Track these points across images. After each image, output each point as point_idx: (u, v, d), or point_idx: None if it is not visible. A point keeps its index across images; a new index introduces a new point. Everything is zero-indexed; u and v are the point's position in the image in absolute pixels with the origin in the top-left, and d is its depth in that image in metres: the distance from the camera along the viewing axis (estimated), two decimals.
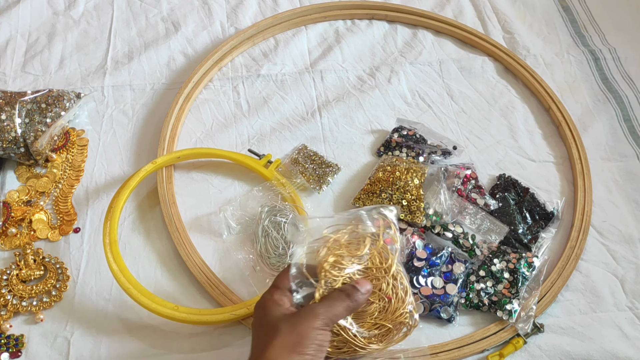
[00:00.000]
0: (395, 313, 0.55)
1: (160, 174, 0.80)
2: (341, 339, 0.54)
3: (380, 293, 0.55)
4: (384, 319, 0.54)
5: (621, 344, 0.70)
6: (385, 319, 0.55)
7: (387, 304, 0.54)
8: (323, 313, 0.50)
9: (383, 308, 0.55)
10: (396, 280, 0.55)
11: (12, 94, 0.82)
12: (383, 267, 0.55)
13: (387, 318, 0.55)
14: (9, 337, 0.67)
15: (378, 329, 0.55)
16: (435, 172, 0.79)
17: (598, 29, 1.04)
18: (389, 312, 0.54)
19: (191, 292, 0.72)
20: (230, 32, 1.00)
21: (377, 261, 0.55)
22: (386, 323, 0.54)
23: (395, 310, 0.55)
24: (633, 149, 0.88)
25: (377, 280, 0.55)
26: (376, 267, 0.55)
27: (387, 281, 0.55)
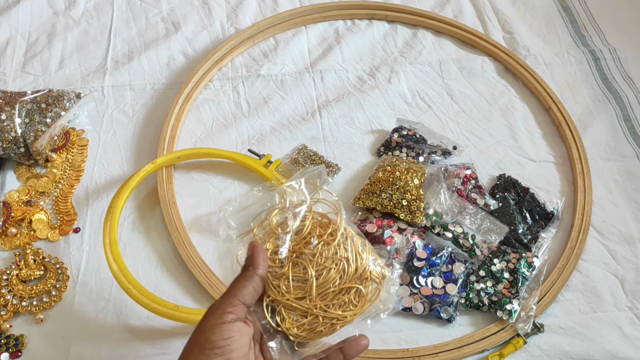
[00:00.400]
0: (357, 271, 0.52)
1: (160, 174, 0.80)
2: (312, 319, 0.51)
3: (333, 257, 0.52)
4: (348, 281, 0.52)
5: (621, 344, 0.70)
6: (351, 280, 0.52)
7: (345, 265, 0.52)
8: (216, 305, 0.46)
9: (343, 272, 0.52)
10: (347, 240, 0.53)
11: (12, 94, 0.82)
12: (325, 233, 0.53)
13: (352, 279, 0.52)
14: (9, 337, 0.67)
15: (346, 294, 0.52)
16: (435, 172, 0.79)
17: (598, 29, 1.04)
18: (350, 274, 0.52)
19: (191, 292, 0.72)
20: (230, 32, 1.00)
21: (317, 231, 0.54)
22: (351, 285, 0.52)
23: (356, 269, 0.52)
24: (633, 149, 0.88)
25: (328, 245, 0.53)
26: (318, 234, 0.53)
27: (338, 242, 0.53)
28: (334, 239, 0.53)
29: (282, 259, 0.53)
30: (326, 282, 0.52)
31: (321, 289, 0.52)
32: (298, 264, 0.53)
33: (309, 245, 0.53)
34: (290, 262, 0.52)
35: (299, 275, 0.52)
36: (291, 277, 0.52)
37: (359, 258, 0.53)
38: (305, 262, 0.52)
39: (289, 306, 0.51)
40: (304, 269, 0.52)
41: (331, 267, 0.52)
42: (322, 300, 0.51)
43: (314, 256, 0.52)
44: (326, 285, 0.52)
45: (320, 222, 0.54)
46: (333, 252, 0.53)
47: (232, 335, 0.45)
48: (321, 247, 0.53)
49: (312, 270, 0.52)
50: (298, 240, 0.54)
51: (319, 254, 0.52)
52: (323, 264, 0.52)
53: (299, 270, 0.52)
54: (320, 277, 0.52)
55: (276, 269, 0.52)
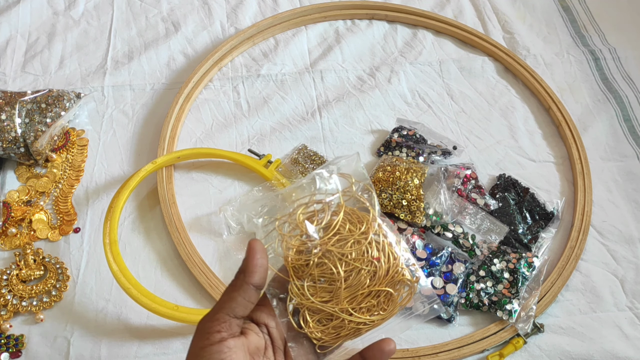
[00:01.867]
0: (390, 273, 0.47)
1: (160, 174, 0.80)
2: (337, 323, 0.47)
3: (365, 257, 0.47)
4: (379, 284, 0.47)
5: (621, 344, 0.70)
6: (381, 283, 0.47)
7: (376, 267, 0.47)
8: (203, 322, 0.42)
9: (374, 273, 0.47)
10: (378, 236, 0.48)
11: (12, 94, 0.82)
12: (357, 232, 0.48)
13: (382, 282, 0.47)
14: (9, 337, 0.67)
15: (376, 297, 0.48)
16: (435, 172, 0.79)
17: (598, 29, 1.04)
18: (381, 276, 0.47)
19: (191, 292, 0.72)
20: (230, 32, 1.00)
21: (346, 226, 0.48)
22: (382, 287, 0.47)
23: (388, 270, 0.48)
24: (633, 149, 0.88)
25: (359, 243, 0.48)
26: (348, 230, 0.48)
27: (370, 240, 0.48)
28: (366, 237, 0.48)
29: (307, 257, 0.48)
30: (356, 284, 0.47)
31: (349, 292, 0.47)
32: (324, 263, 0.48)
33: (337, 242, 0.48)
34: (315, 260, 0.48)
35: (325, 275, 0.48)
36: (317, 277, 0.47)
37: (392, 258, 0.48)
38: (333, 261, 0.47)
39: (313, 308, 0.48)
40: (331, 269, 0.47)
41: (362, 268, 0.47)
42: (349, 303, 0.47)
43: (343, 255, 0.47)
44: (355, 288, 0.47)
45: (350, 217, 0.49)
46: (364, 251, 0.48)
47: (222, 357, 0.41)
48: (351, 246, 0.48)
49: (341, 270, 0.47)
50: (325, 237, 0.48)
51: (349, 253, 0.47)
52: (353, 263, 0.47)
53: (325, 269, 0.48)
54: (349, 279, 0.47)
55: (301, 267, 0.48)
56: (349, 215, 0.49)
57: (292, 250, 0.48)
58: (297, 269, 0.48)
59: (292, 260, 0.48)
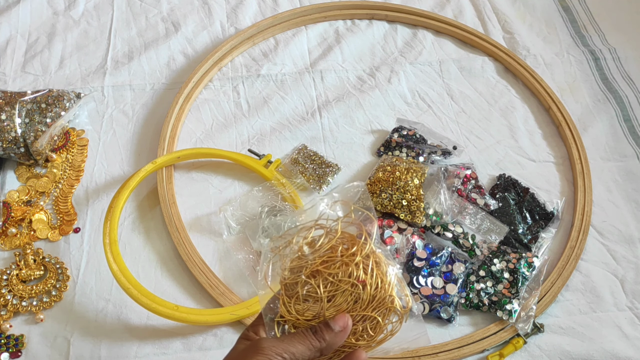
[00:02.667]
0: (377, 298, 0.47)
1: (160, 174, 0.80)
2: None
3: (350, 280, 0.47)
4: (365, 309, 0.47)
5: (621, 344, 0.70)
6: (367, 308, 0.47)
7: (361, 291, 0.47)
8: (269, 348, 0.43)
9: (358, 296, 0.47)
10: (370, 262, 0.48)
11: (12, 94, 0.82)
12: (347, 254, 0.48)
13: (368, 307, 0.47)
14: (9, 337, 0.67)
15: (362, 321, 0.47)
16: (435, 172, 0.79)
17: (598, 29, 1.04)
18: (366, 301, 0.47)
19: (191, 292, 0.72)
20: (230, 32, 1.00)
21: (338, 251, 0.48)
22: (368, 313, 0.47)
23: (375, 296, 0.47)
24: (633, 149, 0.88)
25: (346, 265, 0.48)
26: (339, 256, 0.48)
27: (357, 263, 0.47)
28: (354, 260, 0.48)
29: (297, 276, 0.49)
30: (340, 304, 0.47)
31: (334, 312, 0.47)
32: (311, 283, 0.48)
33: (327, 263, 0.48)
34: (304, 280, 0.48)
35: (311, 294, 0.48)
36: (302, 296, 0.48)
37: (383, 285, 0.47)
38: (317, 281, 0.48)
39: (298, 325, 0.48)
40: (312, 287, 0.48)
41: (345, 289, 0.47)
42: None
43: (329, 275, 0.47)
44: (338, 308, 0.47)
45: (347, 242, 0.49)
46: (350, 273, 0.47)
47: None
48: (338, 267, 0.48)
49: (321, 291, 0.47)
50: (317, 259, 0.49)
51: (335, 274, 0.47)
52: (338, 284, 0.47)
53: (312, 289, 0.48)
54: (334, 299, 0.47)
55: (292, 286, 0.48)
56: (346, 241, 0.50)
57: (286, 269, 0.49)
58: (288, 287, 0.49)
59: (284, 279, 0.49)
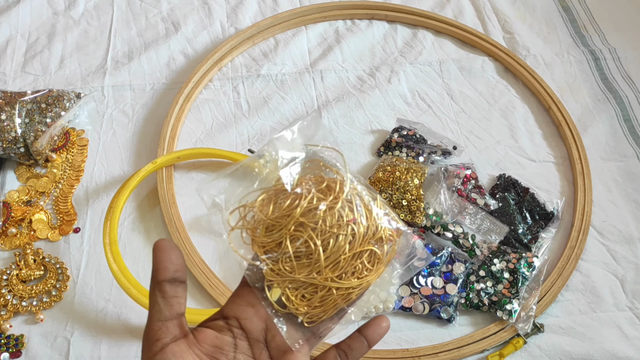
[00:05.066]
0: (369, 232, 0.45)
1: (160, 174, 0.80)
2: (324, 294, 0.44)
3: (339, 221, 0.44)
4: (359, 245, 0.44)
5: (621, 344, 0.70)
6: (362, 243, 0.44)
7: (353, 229, 0.44)
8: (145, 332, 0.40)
9: (352, 236, 0.44)
10: (351, 202, 0.45)
11: (12, 94, 0.82)
12: (327, 197, 0.44)
13: (363, 242, 0.44)
14: (9, 337, 0.67)
15: (359, 258, 0.45)
16: (435, 172, 0.79)
17: (598, 29, 1.04)
18: (360, 236, 0.44)
19: (191, 292, 0.72)
20: (230, 32, 1.00)
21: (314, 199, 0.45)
22: (363, 247, 0.44)
23: (367, 229, 0.45)
24: (633, 149, 0.88)
25: (331, 209, 0.44)
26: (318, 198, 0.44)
27: (342, 204, 0.44)
28: (337, 202, 0.44)
29: (276, 237, 0.44)
30: (335, 251, 0.44)
31: (330, 260, 0.44)
32: (298, 237, 0.44)
33: (308, 213, 0.44)
34: (287, 237, 0.44)
35: (300, 251, 0.44)
36: (292, 254, 0.44)
37: (369, 216, 0.45)
38: (306, 234, 0.44)
39: (295, 285, 0.44)
40: (307, 242, 0.44)
41: (339, 234, 0.44)
42: (332, 271, 0.44)
43: (316, 224, 0.44)
44: (336, 255, 0.44)
45: (319, 186, 0.46)
46: (338, 216, 0.44)
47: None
48: (323, 213, 0.44)
49: (317, 240, 0.43)
50: (292, 210, 0.44)
51: (322, 221, 0.44)
52: (329, 231, 0.44)
53: (300, 245, 0.44)
54: (328, 248, 0.44)
55: (273, 251, 0.45)
56: (316, 182, 0.46)
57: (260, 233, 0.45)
58: (269, 253, 0.45)
59: (261, 245, 0.45)
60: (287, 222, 0.44)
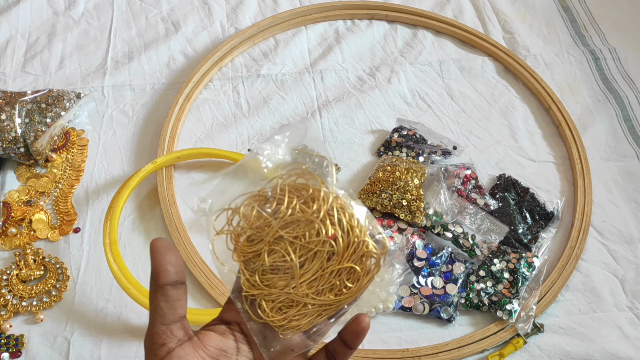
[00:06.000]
0: (350, 249, 0.42)
1: (160, 174, 0.80)
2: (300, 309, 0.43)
3: (319, 238, 0.42)
4: (339, 262, 0.42)
5: (621, 344, 0.70)
6: (342, 260, 0.42)
7: (332, 246, 0.42)
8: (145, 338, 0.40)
9: (332, 253, 0.42)
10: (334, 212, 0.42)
11: (12, 94, 0.82)
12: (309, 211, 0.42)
13: (343, 259, 0.42)
14: (9, 337, 0.67)
15: (338, 275, 0.42)
16: (435, 172, 0.79)
17: (598, 29, 1.04)
18: (339, 254, 0.42)
19: (191, 292, 0.72)
20: (230, 32, 1.00)
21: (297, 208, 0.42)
22: (345, 265, 0.42)
23: (348, 245, 0.42)
24: (633, 149, 0.88)
25: (311, 223, 0.42)
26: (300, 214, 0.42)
27: (322, 218, 0.42)
28: (318, 215, 0.42)
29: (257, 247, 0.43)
30: (312, 268, 0.42)
31: (307, 277, 0.42)
32: (277, 250, 0.42)
33: (289, 226, 0.42)
34: (266, 249, 0.42)
35: (278, 264, 0.42)
36: (268, 266, 0.43)
37: (352, 232, 0.42)
38: (284, 248, 0.42)
39: (270, 297, 0.43)
40: (284, 256, 0.42)
41: (317, 250, 0.42)
42: (309, 287, 0.42)
43: (295, 238, 0.42)
44: (313, 272, 0.42)
45: (302, 195, 0.43)
46: (317, 231, 0.42)
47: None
48: (303, 227, 0.42)
49: (295, 257, 0.42)
50: (273, 222, 0.43)
51: (302, 236, 0.42)
52: (307, 246, 0.42)
53: (278, 257, 0.42)
54: (306, 264, 0.42)
55: (252, 261, 0.43)
56: (300, 192, 0.43)
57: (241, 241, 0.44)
58: (248, 263, 0.44)
59: (241, 254, 0.44)
60: (266, 234, 0.42)
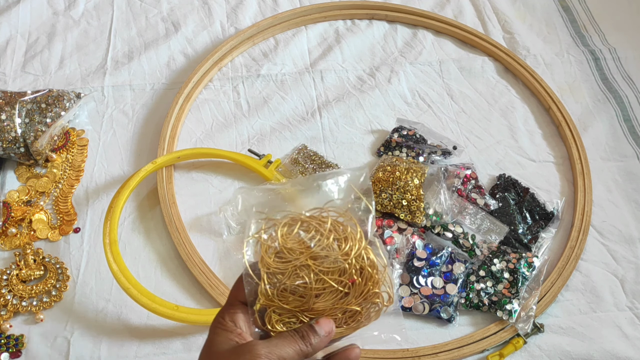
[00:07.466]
0: (362, 295, 0.46)
1: (160, 174, 0.80)
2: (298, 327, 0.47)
3: (341, 277, 0.46)
4: (347, 302, 0.46)
5: (621, 344, 0.70)
6: (349, 302, 0.46)
7: (348, 289, 0.46)
8: (265, 355, 0.42)
9: (345, 294, 0.46)
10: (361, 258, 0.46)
11: (12, 94, 0.82)
12: (341, 252, 0.46)
13: (351, 301, 0.46)
14: (9, 337, 0.67)
15: (342, 312, 0.47)
16: (435, 172, 0.79)
17: (598, 29, 1.04)
18: (354, 295, 0.46)
19: (191, 292, 0.72)
20: (230, 32, 1.00)
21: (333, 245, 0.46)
22: (352, 307, 0.46)
23: (362, 293, 0.46)
24: (633, 149, 0.88)
25: (337, 262, 0.46)
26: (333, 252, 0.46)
27: (349, 263, 0.46)
28: (347, 259, 0.46)
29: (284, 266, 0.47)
30: (325, 302, 0.46)
31: (319, 306, 0.46)
32: (300, 275, 0.46)
33: (318, 258, 0.46)
34: (292, 270, 0.46)
35: (299, 287, 0.46)
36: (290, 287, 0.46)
37: (371, 281, 0.46)
38: (308, 277, 0.46)
39: (281, 312, 0.47)
40: (304, 282, 0.46)
41: (337, 288, 0.46)
42: (320, 313, 0.46)
43: (320, 272, 0.46)
44: (324, 305, 0.46)
45: (337, 234, 0.47)
46: (341, 273, 0.46)
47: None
48: (330, 263, 0.46)
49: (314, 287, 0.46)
50: (306, 250, 0.47)
51: (326, 272, 0.46)
52: (328, 280, 0.46)
53: (300, 279, 0.46)
54: (321, 295, 0.46)
55: (276, 276, 0.46)
56: (337, 230, 0.47)
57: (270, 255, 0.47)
58: (271, 275, 0.47)
59: (267, 265, 0.47)
60: (296, 258, 0.46)
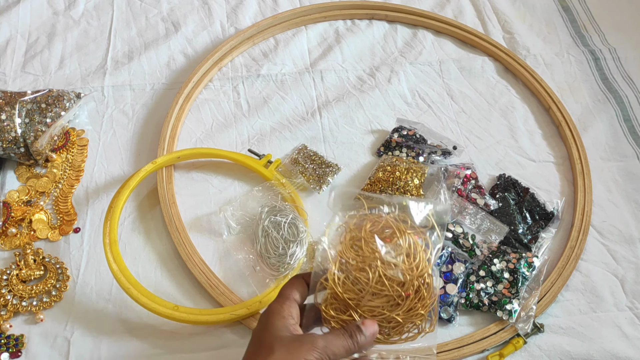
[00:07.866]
0: (410, 311, 0.50)
1: (160, 174, 0.80)
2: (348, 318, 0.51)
3: (398, 287, 0.50)
4: (393, 311, 0.50)
5: (621, 344, 0.70)
6: (395, 312, 0.50)
7: (401, 300, 0.50)
8: (321, 348, 0.47)
9: (397, 304, 0.50)
10: (422, 278, 0.51)
11: (12, 94, 0.82)
12: (411, 266, 0.50)
13: (398, 312, 0.50)
14: (9, 337, 0.67)
15: (387, 321, 0.51)
16: (435, 172, 0.79)
17: (598, 29, 1.04)
18: (401, 308, 0.50)
19: (191, 292, 0.72)
20: (230, 32, 1.00)
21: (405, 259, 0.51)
22: (396, 316, 0.50)
23: (410, 308, 0.50)
24: (633, 149, 0.88)
25: (403, 274, 0.51)
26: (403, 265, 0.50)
27: (413, 278, 0.50)
28: (411, 275, 0.50)
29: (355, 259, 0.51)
30: (377, 303, 0.51)
31: (371, 304, 0.51)
32: (366, 270, 0.51)
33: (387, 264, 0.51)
34: (359, 265, 0.51)
35: (360, 281, 0.51)
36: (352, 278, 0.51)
37: (420, 304, 0.51)
38: (370, 275, 0.50)
39: (337, 296, 0.51)
40: (366, 280, 0.50)
41: (391, 295, 0.50)
42: (368, 312, 0.51)
43: (384, 276, 0.50)
44: (375, 305, 0.51)
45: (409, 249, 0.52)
46: (402, 283, 0.50)
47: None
48: (394, 273, 0.50)
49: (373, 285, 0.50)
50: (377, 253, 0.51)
51: (388, 279, 0.50)
52: (389, 285, 0.50)
53: (365, 275, 0.50)
54: (375, 297, 0.50)
55: (349, 260, 0.51)
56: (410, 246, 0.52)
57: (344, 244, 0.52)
58: (343, 263, 0.52)
59: (340, 254, 0.52)
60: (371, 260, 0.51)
